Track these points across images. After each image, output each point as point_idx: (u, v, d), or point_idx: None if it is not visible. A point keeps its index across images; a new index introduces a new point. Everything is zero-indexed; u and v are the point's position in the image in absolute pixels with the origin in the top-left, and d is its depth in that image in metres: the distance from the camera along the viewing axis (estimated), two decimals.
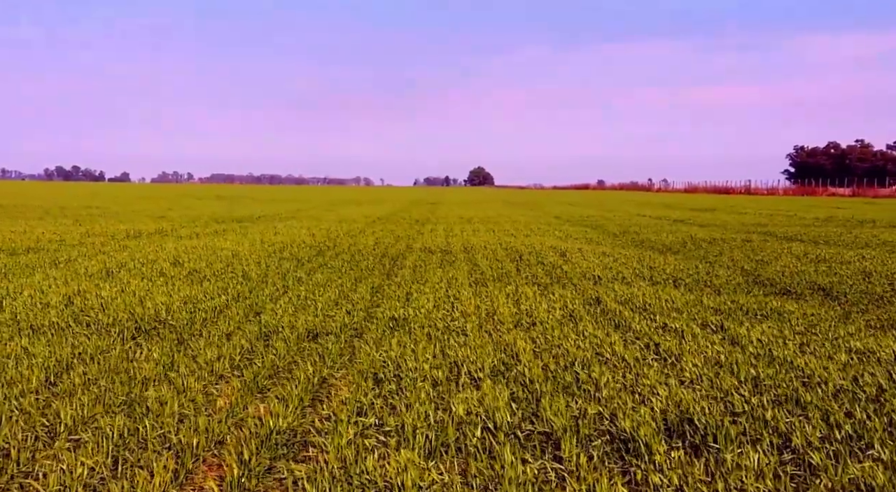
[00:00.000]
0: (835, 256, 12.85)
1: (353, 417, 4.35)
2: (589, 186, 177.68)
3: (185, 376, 5.30)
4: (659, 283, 9.70)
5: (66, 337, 6.37)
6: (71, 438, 4.14)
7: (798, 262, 12.12)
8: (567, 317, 7.29)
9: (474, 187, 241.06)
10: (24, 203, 34.74)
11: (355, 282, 9.98)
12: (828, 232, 19.77)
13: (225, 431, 4.29)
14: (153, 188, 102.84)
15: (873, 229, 21.19)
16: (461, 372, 5.24)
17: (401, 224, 22.92)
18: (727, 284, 9.59)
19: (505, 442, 3.84)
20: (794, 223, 24.57)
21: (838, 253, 13.49)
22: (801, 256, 13.07)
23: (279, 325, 7.10)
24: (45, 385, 5.01)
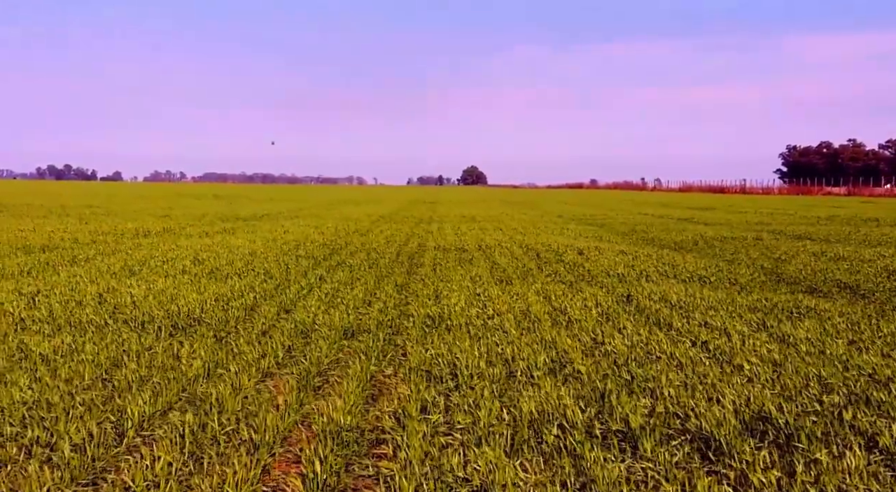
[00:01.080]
0: (853, 255, 12.86)
1: (419, 414, 4.33)
2: (583, 186, 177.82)
3: (237, 374, 5.27)
4: (685, 281, 9.70)
5: (107, 334, 6.34)
6: (141, 433, 4.12)
7: (816, 260, 12.13)
8: (603, 315, 7.28)
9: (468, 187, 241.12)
10: (25, 202, 34.59)
11: (378, 280, 9.95)
12: (836, 230, 19.82)
13: (291, 427, 4.27)
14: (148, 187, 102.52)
15: (881, 228, 21.25)
16: (516, 370, 5.22)
17: (406, 223, 22.90)
18: (752, 283, 9.60)
19: (584, 441, 3.81)
20: (799, 222, 24.62)
21: (855, 251, 13.51)
22: (817, 254, 13.09)
23: (314, 323, 7.07)
24: (100, 382, 4.98)
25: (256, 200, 47.72)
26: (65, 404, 4.46)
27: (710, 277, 10.02)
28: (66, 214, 23.72)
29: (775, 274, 10.48)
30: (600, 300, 8.08)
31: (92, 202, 35.34)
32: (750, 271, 10.67)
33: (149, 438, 4.09)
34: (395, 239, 16.42)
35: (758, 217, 28.29)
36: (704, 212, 33.88)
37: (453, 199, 57.40)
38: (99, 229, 17.25)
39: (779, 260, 12.15)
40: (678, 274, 10.31)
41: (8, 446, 3.87)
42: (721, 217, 28.33)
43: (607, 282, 9.58)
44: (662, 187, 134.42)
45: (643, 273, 10.34)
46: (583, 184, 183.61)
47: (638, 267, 11.04)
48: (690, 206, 43.18)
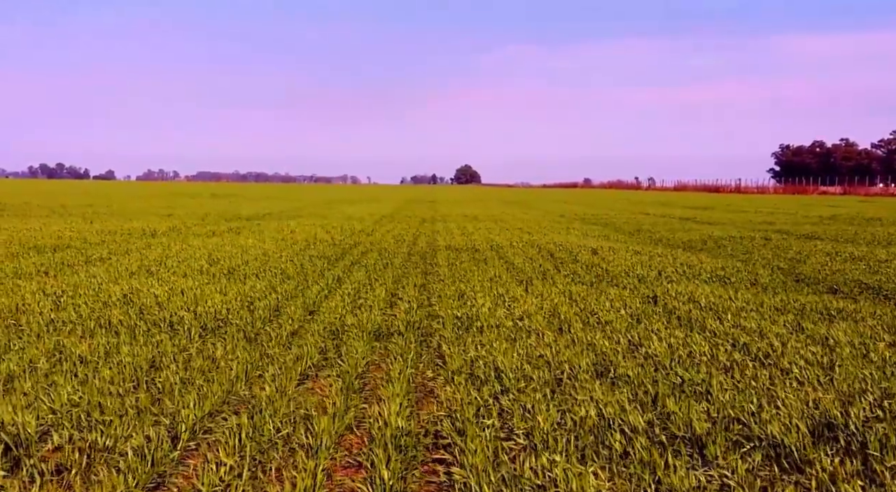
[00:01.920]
0: (868, 255, 12.84)
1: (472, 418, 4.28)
2: (577, 185, 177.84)
3: (276, 377, 5.22)
4: (706, 281, 9.67)
5: (139, 335, 6.28)
6: (195, 437, 4.07)
7: (831, 260, 12.12)
8: (633, 316, 7.23)
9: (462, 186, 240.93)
10: (24, 201, 34.41)
11: (396, 280, 9.90)
12: (842, 230, 19.82)
13: (343, 431, 4.22)
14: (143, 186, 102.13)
15: (885, 227, 21.25)
16: (562, 373, 5.17)
17: (409, 222, 22.84)
18: (774, 283, 9.57)
19: (650, 447, 3.75)
20: (803, 222, 24.63)
21: (870, 252, 13.49)
22: (831, 254, 13.07)
23: (342, 324, 7.02)
24: (144, 384, 4.92)
25: (254, 198, 47.58)
26: (115, 406, 4.41)
27: (731, 278, 9.98)
28: (69, 214, 23.58)
29: (793, 274, 10.45)
30: (627, 301, 8.04)
31: (91, 201, 35.17)
32: (768, 272, 10.64)
33: (204, 441, 4.04)
34: (403, 238, 16.36)
35: (760, 217, 28.30)
36: (704, 211, 33.88)
37: (451, 198, 57.35)
38: (106, 229, 17.14)
39: (794, 260, 12.13)
40: (697, 274, 10.28)
41: (68, 448, 3.82)
42: (723, 217, 28.33)
43: (628, 282, 9.55)
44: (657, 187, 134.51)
45: (662, 273, 10.30)
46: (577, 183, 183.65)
47: (655, 267, 11.01)
48: (689, 205, 43.19)
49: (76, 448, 3.83)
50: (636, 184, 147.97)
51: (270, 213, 27.37)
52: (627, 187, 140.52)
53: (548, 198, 61.93)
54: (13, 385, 4.80)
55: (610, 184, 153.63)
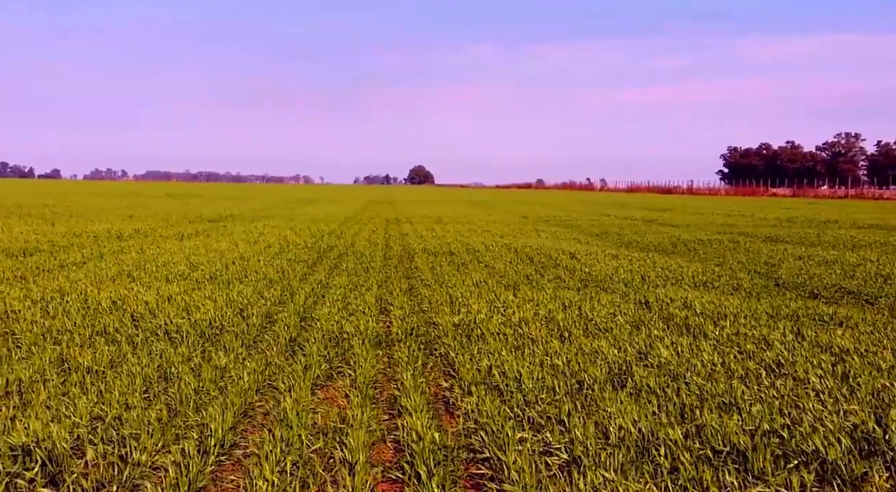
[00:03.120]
0: (839, 259, 13.09)
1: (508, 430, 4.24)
2: (531, 186, 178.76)
3: (291, 387, 5.15)
4: (691, 286, 9.76)
5: (138, 344, 6.16)
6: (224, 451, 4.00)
7: (804, 264, 12.33)
8: (631, 323, 7.26)
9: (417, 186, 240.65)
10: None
11: (381, 285, 9.85)
12: (804, 233, 20.19)
13: (373, 444, 4.17)
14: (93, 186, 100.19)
15: (845, 230, 21.70)
16: (582, 383, 5.17)
17: (376, 224, 22.75)
18: (757, 288, 9.69)
19: (695, 461, 3.74)
20: (762, 224, 25.05)
21: (840, 255, 13.75)
22: (803, 258, 13.30)
23: (341, 331, 6.95)
24: (158, 395, 4.81)
25: (212, 198, 46.99)
26: (137, 419, 4.30)
27: (714, 283, 10.10)
28: (28, 214, 23.03)
29: (772, 279, 10.61)
30: (620, 307, 8.09)
31: (45, 202, 34.40)
32: (748, 277, 10.79)
33: (236, 456, 3.97)
34: (375, 241, 16.29)
35: (719, 218, 28.72)
36: (664, 213, 34.29)
37: (409, 199, 57.24)
38: (70, 231, 16.77)
39: (768, 265, 12.32)
40: (680, 279, 10.38)
41: (102, 464, 3.72)
42: (684, 219, 28.70)
43: (615, 287, 9.60)
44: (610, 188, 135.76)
45: (646, 278, 10.38)
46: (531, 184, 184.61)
47: (636, 272, 11.09)
48: (647, 207, 43.69)
49: (111, 464, 3.74)
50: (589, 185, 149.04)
51: (233, 214, 27.04)
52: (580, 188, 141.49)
53: (506, 199, 62.16)
54: (28, 398, 4.66)
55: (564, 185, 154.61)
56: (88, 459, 3.79)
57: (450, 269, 11.48)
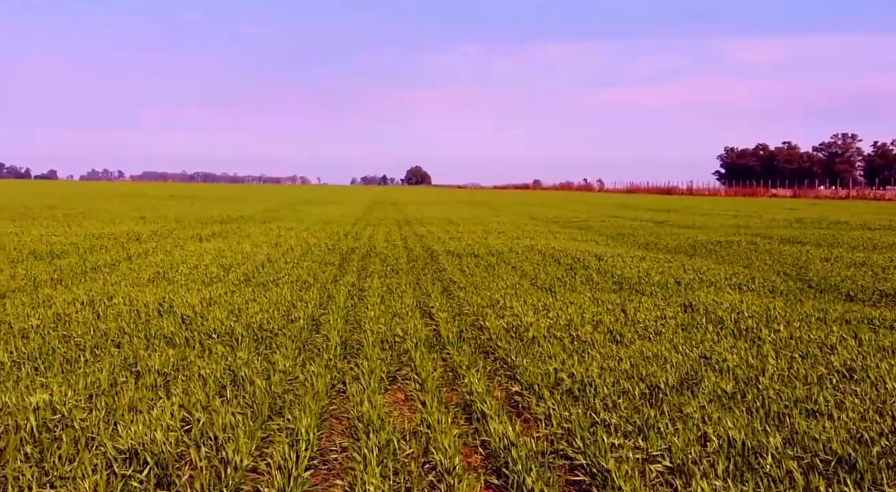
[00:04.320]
0: (865, 261, 13.08)
1: (602, 436, 4.21)
2: (528, 186, 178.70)
3: (362, 391, 5.12)
4: (727, 288, 9.74)
5: (195, 347, 6.13)
6: (323, 455, 3.98)
7: (832, 266, 12.32)
8: (681, 326, 7.24)
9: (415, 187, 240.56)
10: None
11: (414, 287, 9.83)
12: (819, 234, 20.16)
13: (461, 448, 4.14)
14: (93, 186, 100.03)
15: (860, 232, 21.67)
16: (652, 387, 5.14)
17: (388, 225, 22.72)
18: (793, 291, 9.67)
19: (807, 471, 3.64)
20: (774, 225, 25.03)
21: (867, 257, 13.74)
22: (829, 259, 13.28)
23: (393, 334, 6.93)
24: (236, 399, 4.78)
25: (215, 200, 46.96)
26: (224, 423, 4.28)
27: (749, 285, 10.08)
28: (39, 216, 22.98)
29: (804, 281, 10.59)
30: (666, 311, 8.05)
31: (50, 203, 34.34)
32: (781, 279, 10.76)
33: (330, 461, 3.95)
34: (394, 243, 16.26)
35: (728, 220, 28.69)
36: (670, 214, 34.29)
37: (411, 200, 57.19)
38: (88, 233, 16.72)
39: (797, 267, 12.29)
40: (714, 281, 10.35)
41: (205, 466, 3.70)
42: (692, 220, 28.68)
43: (650, 290, 9.58)
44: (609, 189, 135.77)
45: (679, 281, 10.36)
46: (528, 185, 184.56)
47: (667, 273, 11.07)
48: (651, 208, 43.70)
49: (213, 467, 3.72)
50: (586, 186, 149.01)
51: (241, 216, 27.00)
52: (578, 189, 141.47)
53: (507, 200, 62.12)
54: (109, 401, 4.63)
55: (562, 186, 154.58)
56: (193, 463, 3.77)
57: (478, 271, 11.45)
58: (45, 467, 3.68)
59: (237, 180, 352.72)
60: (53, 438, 4.01)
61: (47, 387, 4.85)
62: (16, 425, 4.15)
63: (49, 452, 3.84)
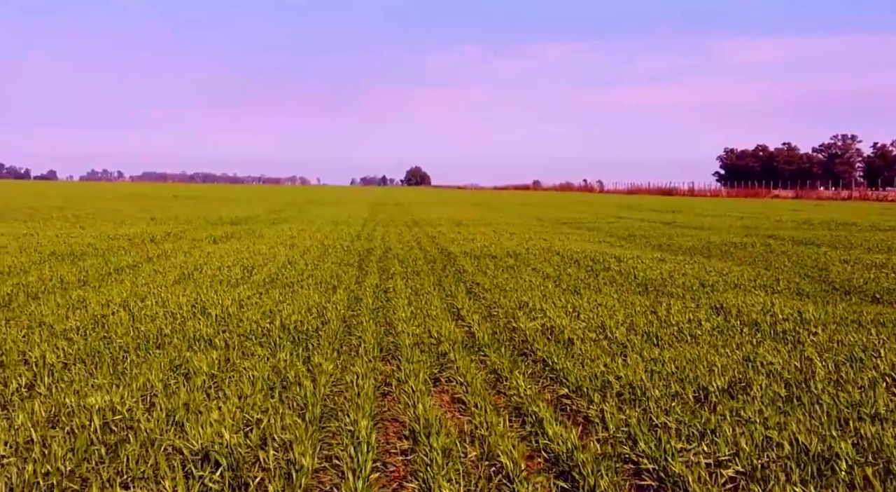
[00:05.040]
0: (886, 263, 13.07)
1: (664, 440, 4.20)
2: (529, 187, 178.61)
3: (413, 392, 5.11)
4: (750, 291, 9.71)
5: (237, 348, 6.13)
6: (384, 458, 3.97)
7: (852, 268, 12.30)
8: (717, 329, 7.22)
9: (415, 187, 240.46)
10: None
11: (437, 288, 9.84)
12: (833, 236, 20.12)
13: (527, 454, 4.14)
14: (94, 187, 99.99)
15: (870, 233, 21.63)
16: (705, 390, 5.12)
17: (398, 227, 22.71)
18: (819, 293, 9.63)
19: (886, 478, 3.62)
20: (782, 226, 25.02)
21: (886, 259, 13.72)
22: (848, 261, 13.26)
23: (429, 336, 6.92)
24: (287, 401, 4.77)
25: (219, 200, 46.94)
26: (283, 424, 4.28)
27: (774, 287, 10.07)
28: (50, 217, 22.95)
29: (828, 283, 10.57)
30: (699, 313, 8.02)
31: (57, 204, 34.31)
32: (805, 281, 10.75)
33: (396, 464, 3.94)
34: (409, 244, 16.25)
35: (736, 221, 28.64)
36: (676, 215, 34.30)
37: (414, 200, 57.16)
38: (102, 234, 16.71)
39: (817, 269, 12.27)
40: (738, 284, 10.32)
41: (275, 467, 3.69)
42: (700, 221, 28.67)
43: (677, 291, 9.57)
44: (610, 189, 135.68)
45: (704, 282, 10.35)
46: (528, 185, 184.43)
47: (689, 275, 11.06)
48: (655, 209, 43.70)
49: (282, 469, 3.72)
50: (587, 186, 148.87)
51: (250, 216, 27.00)
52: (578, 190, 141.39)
53: (510, 200, 62.09)
54: (166, 402, 4.62)
55: (561, 186, 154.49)
56: (262, 464, 3.77)
57: (498, 272, 11.42)
58: (119, 468, 3.68)
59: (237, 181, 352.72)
60: (120, 439, 4.01)
61: (101, 388, 4.84)
62: (80, 425, 4.15)
63: (119, 452, 3.84)
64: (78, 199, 43.25)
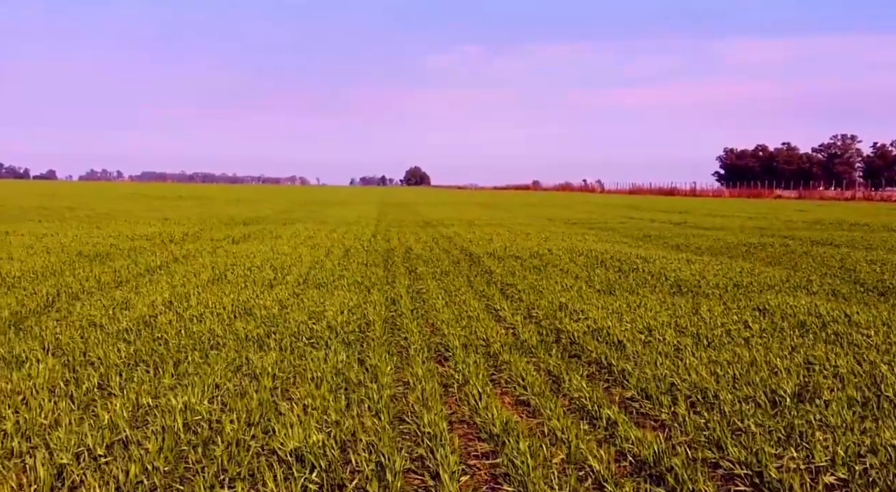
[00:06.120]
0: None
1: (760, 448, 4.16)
2: (528, 187, 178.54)
3: (480, 395, 5.07)
4: (785, 291, 9.67)
5: (291, 348, 6.10)
6: (468, 461, 3.94)
7: (880, 269, 12.26)
8: (765, 331, 7.16)
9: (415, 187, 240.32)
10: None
11: (468, 288, 9.81)
12: (849, 236, 20.09)
13: (612, 458, 4.10)
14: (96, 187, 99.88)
15: (886, 233, 21.58)
16: (775, 394, 5.07)
17: (410, 227, 22.66)
18: (854, 294, 9.60)
19: None
20: (794, 227, 25.00)
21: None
22: (876, 262, 13.23)
23: (477, 337, 6.88)
24: (358, 402, 4.73)
25: (225, 201, 46.88)
26: (365, 426, 4.25)
27: (809, 287, 10.03)
28: (64, 217, 22.90)
29: (859, 284, 10.53)
30: (742, 315, 7.98)
31: (67, 204, 34.23)
32: (838, 282, 10.71)
33: (490, 468, 3.90)
34: (427, 244, 16.20)
35: (747, 222, 28.57)
36: (685, 215, 34.28)
37: (418, 201, 57.08)
38: (120, 234, 16.66)
39: (844, 269, 12.25)
40: (771, 285, 10.26)
41: (367, 470, 3.66)
42: (709, 221, 28.65)
43: (711, 293, 9.52)
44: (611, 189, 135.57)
45: (738, 283, 10.30)
46: (528, 185, 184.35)
47: (721, 276, 11.01)
48: (661, 209, 43.65)
49: (372, 470, 3.69)
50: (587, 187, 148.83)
51: (260, 217, 26.96)
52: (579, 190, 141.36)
53: (513, 201, 62.04)
54: (239, 403, 4.58)
55: (561, 187, 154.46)
56: (354, 466, 3.75)
57: (526, 273, 11.37)
58: (216, 468, 3.66)
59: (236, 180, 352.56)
60: (206, 439, 3.98)
61: (172, 389, 4.81)
62: (165, 426, 4.12)
63: (210, 453, 3.82)
64: (85, 199, 43.19)
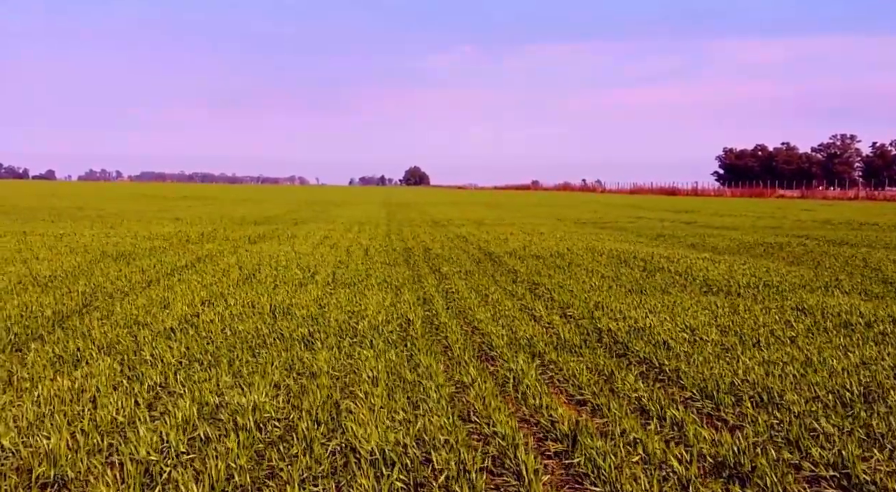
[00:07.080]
0: None
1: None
2: (528, 187, 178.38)
3: (539, 395, 5.03)
4: (818, 291, 9.61)
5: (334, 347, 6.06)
6: (549, 463, 3.88)
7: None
8: (809, 331, 7.12)
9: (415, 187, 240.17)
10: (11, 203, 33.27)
11: (495, 287, 9.78)
12: (862, 236, 20.05)
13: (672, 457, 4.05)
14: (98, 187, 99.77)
15: None
16: (838, 395, 5.02)
17: (422, 226, 22.62)
18: (890, 293, 9.55)
19: None
20: (804, 226, 24.94)
21: None
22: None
23: (518, 337, 6.84)
24: (419, 402, 4.68)
25: (231, 201, 46.82)
26: (437, 425, 4.21)
27: (841, 287, 9.99)
28: (76, 217, 22.84)
29: (889, 283, 10.49)
30: (784, 315, 7.92)
31: (76, 204, 34.20)
32: (868, 282, 10.65)
33: (573, 469, 3.86)
34: (444, 244, 16.14)
35: (756, 221, 28.51)
36: (693, 215, 34.26)
37: (421, 201, 56.99)
38: (137, 234, 16.62)
39: (869, 269, 12.21)
40: (802, 285, 10.19)
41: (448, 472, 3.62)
42: (720, 221, 28.58)
43: (744, 292, 9.47)
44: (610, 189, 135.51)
45: (768, 283, 10.24)
46: (528, 185, 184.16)
47: (750, 275, 10.96)
48: (667, 208, 43.62)
49: (452, 468, 3.65)
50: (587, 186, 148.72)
51: (270, 217, 26.91)
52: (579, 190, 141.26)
53: (516, 201, 61.92)
54: (300, 401, 4.54)
55: (561, 186, 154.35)
56: (433, 464, 3.71)
57: (551, 272, 11.32)
58: (300, 466, 3.62)
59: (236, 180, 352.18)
60: (279, 436, 3.95)
61: (234, 387, 4.77)
62: (238, 424, 4.07)
63: (287, 451, 3.79)
64: (89, 199, 43.11)
